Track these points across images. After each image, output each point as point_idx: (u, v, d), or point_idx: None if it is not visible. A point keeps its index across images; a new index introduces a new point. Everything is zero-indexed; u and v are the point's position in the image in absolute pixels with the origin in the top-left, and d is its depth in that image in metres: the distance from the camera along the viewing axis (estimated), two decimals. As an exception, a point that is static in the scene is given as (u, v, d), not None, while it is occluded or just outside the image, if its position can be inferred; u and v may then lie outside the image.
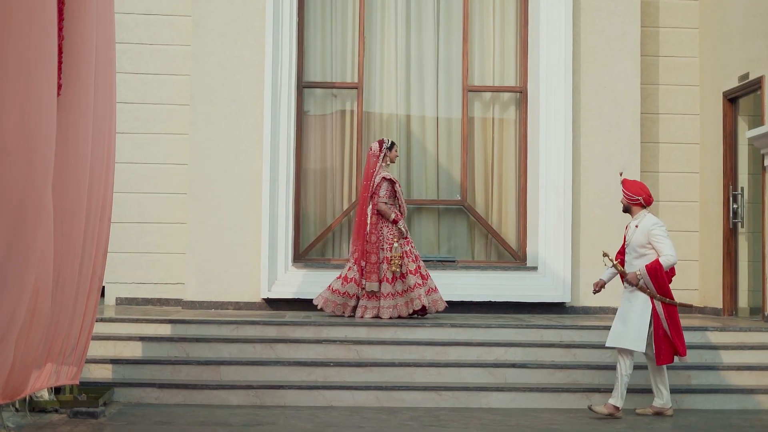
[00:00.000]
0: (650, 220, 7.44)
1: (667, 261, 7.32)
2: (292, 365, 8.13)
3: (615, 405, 7.38)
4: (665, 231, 7.39)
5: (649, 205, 7.53)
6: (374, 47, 11.24)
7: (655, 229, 7.36)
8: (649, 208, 7.54)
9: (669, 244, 7.34)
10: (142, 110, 10.87)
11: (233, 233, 10.48)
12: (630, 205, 7.55)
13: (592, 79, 10.88)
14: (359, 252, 9.38)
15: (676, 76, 11.34)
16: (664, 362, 7.38)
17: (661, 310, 7.34)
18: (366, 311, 9.24)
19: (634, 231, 7.47)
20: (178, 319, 8.75)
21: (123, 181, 10.74)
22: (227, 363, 8.11)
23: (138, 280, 10.80)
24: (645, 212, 7.51)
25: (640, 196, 7.49)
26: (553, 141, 10.75)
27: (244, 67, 10.60)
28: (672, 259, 7.31)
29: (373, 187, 9.38)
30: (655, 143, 11.28)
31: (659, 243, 7.33)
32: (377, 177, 9.41)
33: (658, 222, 7.43)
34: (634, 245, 7.48)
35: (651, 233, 7.36)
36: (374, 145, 9.53)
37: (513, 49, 11.30)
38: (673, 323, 7.33)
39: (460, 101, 11.22)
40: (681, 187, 11.28)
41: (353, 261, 9.43)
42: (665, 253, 7.31)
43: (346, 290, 9.36)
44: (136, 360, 8.13)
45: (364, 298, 9.28)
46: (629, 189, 7.52)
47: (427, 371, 8.20)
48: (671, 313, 7.35)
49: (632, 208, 7.55)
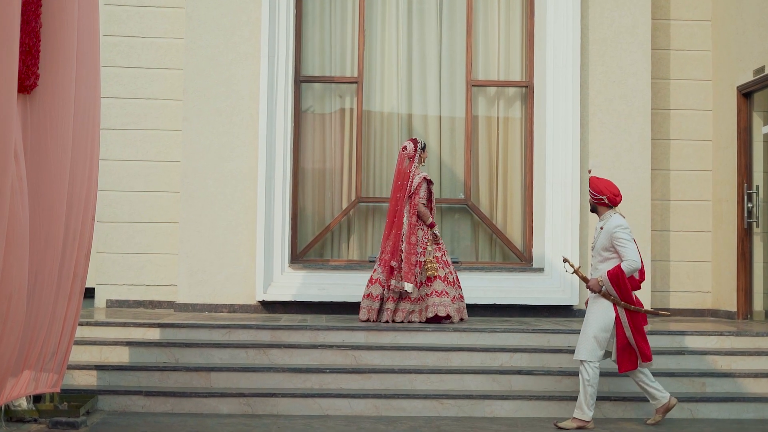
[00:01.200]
0: (614, 221, 6.98)
1: (629, 267, 6.86)
2: (286, 372, 7.74)
3: (580, 418, 6.96)
4: (629, 234, 6.92)
5: (616, 205, 7.07)
6: (375, 40, 10.85)
7: (617, 232, 6.90)
8: (616, 209, 7.09)
9: (632, 249, 6.87)
10: (133, 105, 10.51)
11: (227, 233, 10.09)
12: (595, 204, 7.13)
13: (601, 73, 10.48)
14: (390, 253, 8.95)
15: (688, 70, 10.94)
16: (626, 369, 6.97)
17: (624, 318, 6.92)
18: (396, 314, 8.89)
19: (599, 233, 7.07)
20: (167, 323, 8.36)
21: (114, 179, 10.41)
22: (218, 369, 7.72)
23: (129, 281, 10.43)
24: (611, 213, 7.06)
25: (604, 195, 7.04)
26: (560, 137, 10.34)
27: (239, 60, 10.23)
28: (634, 264, 6.85)
29: (412, 187, 9.01)
30: (666, 140, 10.88)
31: (621, 247, 6.88)
32: (416, 177, 9.05)
33: (621, 224, 6.95)
34: (598, 248, 7.07)
35: (613, 236, 6.92)
36: (408, 144, 9.13)
37: (519, 42, 10.91)
38: (637, 330, 6.90)
39: (464, 96, 10.83)
40: (693, 186, 10.87)
41: (379, 262, 9.02)
42: (627, 257, 6.86)
43: (370, 292, 8.99)
44: (123, 366, 7.74)
45: (390, 301, 8.89)
46: (593, 187, 7.09)
47: (428, 378, 7.80)
48: (635, 319, 6.92)
49: (598, 208, 7.13)
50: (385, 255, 8.98)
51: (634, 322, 6.92)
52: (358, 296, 9.89)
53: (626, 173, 10.36)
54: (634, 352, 6.95)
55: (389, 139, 10.85)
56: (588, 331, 7.00)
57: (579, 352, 7.02)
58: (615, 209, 7.07)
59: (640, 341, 6.90)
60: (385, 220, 10.26)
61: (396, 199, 9.05)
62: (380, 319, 8.91)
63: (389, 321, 8.84)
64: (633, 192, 10.30)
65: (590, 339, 6.97)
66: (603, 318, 6.96)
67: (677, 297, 10.83)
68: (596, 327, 6.97)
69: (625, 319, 6.91)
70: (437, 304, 8.85)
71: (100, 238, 10.38)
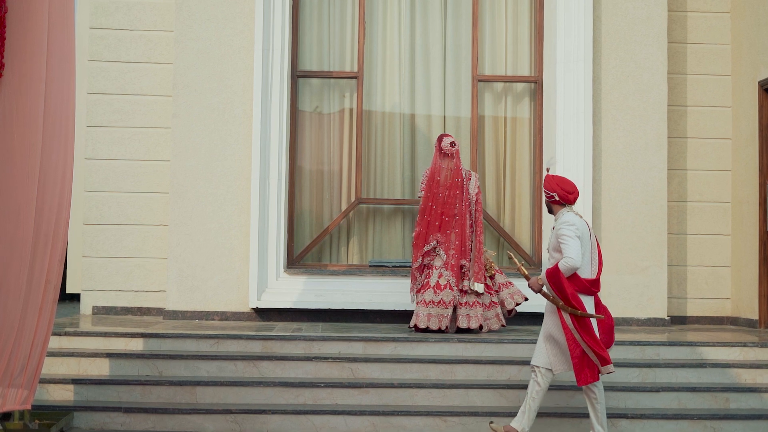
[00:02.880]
0: (562, 218, 6.47)
1: (565, 264, 6.27)
2: (278, 386, 7.20)
3: (515, 427, 6.43)
4: (573, 231, 6.34)
5: (570, 203, 6.53)
6: (376, 33, 10.31)
7: (562, 228, 6.38)
8: (571, 207, 6.54)
9: (572, 246, 6.29)
10: (121, 101, 9.98)
11: (219, 236, 9.56)
12: (548, 203, 6.61)
13: (614, 68, 9.92)
14: (458, 253, 8.38)
15: (706, 65, 10.37)
16: (585, 382, 6.32)
17: (570, 323, 6.31)
18: (471, 320, 8.36)
19: (552, 232, 6.56)
20: (151, 333, 7.82)
21: (101, 179, 9.91)
22: (204, 383, 7.18)
23: (117, 287, 9.91)
24: (564, 211, 6.53)
25: (555, 191, 6.52)
26: (571, 135, 9.78)
27: (232, 53, 9.69)
28: (570, 262, 6.25)
29: (475, 184, 8.56)
30: (683, 138, 10.32)
31: (562, 243, 6.33)
32: (472, 175, 8.60)
33: (567, 221, 6.41)
34: (549, 248, 6.57)
35: (558, 233, 6.40)
36: (455, 140, 8.61)
37: (527, 35, 10.35)
38: (587, 333, 6.27)
39: (470, 92, 10.28)
40: (711, 186, 10.31)
41: (444, 265, 8.38)
42: (565, 254, 6.29)
43: (441, 298, 8.36)
44: (102, 379, 7.21)
45: (465, 306, 8.37)
46: (545, 185, 6.59)
47: (430, 393, 7.26)
48: (582, 322, 6.30)
49: (552, 206, 6.61)
50: (451, 258, 8.36)
51: (583, 325, 6.30)
52: (358, 303, 9.41)
53: (641, 173, 9.81)
54: (593, 362, 6.34)
55: (391, 137, 10.31)
56: (539, 337, 6.57)
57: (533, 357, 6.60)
58: (569, 208, 6.55)
59: (594, 345, 6.27)
60: (385, 221, 9.79)
61: (455, 196, 8.44)
62: (453, 328, 8.37)
63: (470, 328, 8.33)
64: (648, 193, 9.77)
65: (539, 344, 6.53)
66: (550, 324, 6.46)
67: (695, 304, 10.27)
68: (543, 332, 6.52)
69: (572, 325, 6.32)
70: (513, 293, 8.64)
71: (86, 241, 9.88)
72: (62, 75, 6.12)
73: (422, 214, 8.49)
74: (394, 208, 10.23)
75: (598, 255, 6.55)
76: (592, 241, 6.53)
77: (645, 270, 9.74)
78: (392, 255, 10.17)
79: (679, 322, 10.15)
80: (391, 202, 10.20)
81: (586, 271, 6.45)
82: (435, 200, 8.45)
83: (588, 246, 6.47)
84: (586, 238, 6.47)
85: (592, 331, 6.31)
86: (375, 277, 9.69)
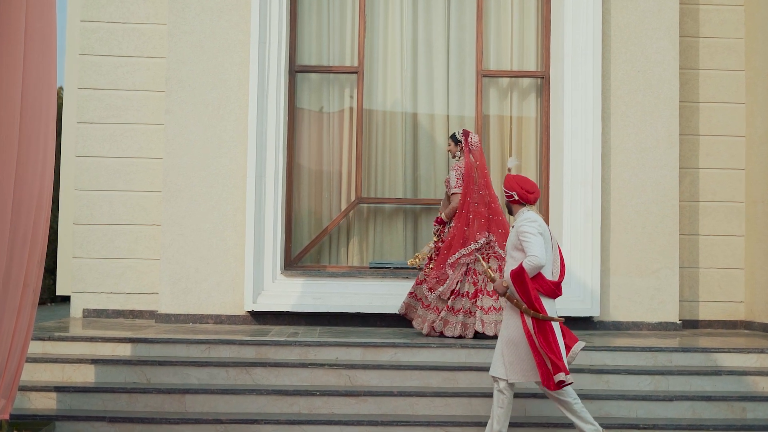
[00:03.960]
0: (522, 216, 6.14)
1: (530, 263, 5.92)
2: (271, 394, 6.86)
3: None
4: (535, 228, 6.00)
5: (529, 203, 6.19)
6: (377, 26, 9.96)
7: (523, 226, 6.04)
8: (532, 207, 6.20)
9: (535, 243, 5.94)
10: (113, 97, 9.65)
11: (214, 236, 9.21)
12: (508, 203, 6.28)
13: (623, 62, 9.55)
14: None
15: (719, 59, 10.01)
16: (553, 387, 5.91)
17: (531, 326, 5.95)
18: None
19: (511, 231, 6.22)
20: (139, 338, 7.46)
21: (92, 177, 9.59)
22: (194, 391, 6.83)
23: (108, 289, 9.57)
24: (525, 210, 6.19)
25: (514, 191, 6.19)
26: (579, 133, 9.42)
27: (227, 47, 9.34)
28: (535, 260, 5.89)
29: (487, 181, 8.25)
30: (695, 136, 9.95)
31: (525, 241, 5.98)
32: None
33: (529, 217, 6.08)
34: (508, 249, 6.22)
35: (519, 230, 6.05)
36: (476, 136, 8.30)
37: (534, 28, 10.00)
38: (545, 339, 5.90)
39: (474, 88, 9.93)
40: (724, 186, 9.94)
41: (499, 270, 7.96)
42: (529, 253, 5.94)
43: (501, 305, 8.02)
44: (87, 387, 6.86)
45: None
46: (505, 184, 6.28)
47: (431, 402, 6.91)
48: (542, 327, 5.92)
49: (512, 206, 6.28)
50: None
51: (542, 330, 5.92)
52: (358, 306, 9.07)
53: (652, 172, 9.45)
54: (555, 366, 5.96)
55: (392, 134, 9.96)
56: (497, 344, 6.20)
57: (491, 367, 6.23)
58: (530, 207, 6.21)
59: (549, 353, 5.89)
60: (387, 221, 9.49)
61: (494, 197, 8.19)
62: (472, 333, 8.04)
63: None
64: (659, 192, 9.41)
65: (497, 352, 6.16)
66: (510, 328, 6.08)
67: (707, 307, 9.91)
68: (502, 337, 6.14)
69: (533, 329, 5.94)
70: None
71: (76, 241, 9.55)
72: (42, 64, 5.79)
73: (461, 211, 8.11)
74: (396, 207, 9.88)
75: (560, 258, 6.18)
76: (553, 242, 6.19)
77: (656, 272, 9.38)
78: (393, 256, 9.82)
79: (690, 326, 9.79)
80: (393, 202, 9.85)
81: (548, 272, 6.10)
82: (473, 197, 8.12)
83: (550, 246, 6.13)
84: (548, 237, 6.13)
85: (550, 338, 5.93)
86: (375, 279, 9.34)
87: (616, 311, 9.37)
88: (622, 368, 7.31)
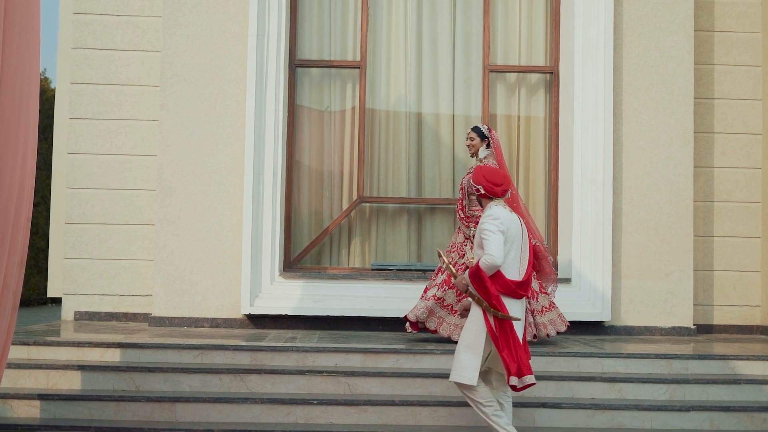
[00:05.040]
0: (487, 211, 5.80)
1: (485, 261, 5.59)
2: (266, 402, 6.51)
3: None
4: (496, 225, 5.64)
5: (497, 196, 5.82)
6: (380, 19, 9.61)
7: (485, 223, 5.70)
8: (500, 200, 5.83)
9: (494, 241, 5.61)
10: (107, 92, 9.33)
11: (210, 237, 8.87)
12: (477, 197, 5.94)
13: (636, 56, 9.19)
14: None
15: (735, 54, 9.64)
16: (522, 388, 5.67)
17: (494, 326, 5.61)
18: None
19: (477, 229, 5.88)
20: (129, 343, 7.12)
21: (84, 175, 9.27)
22: (185, 399, 6.49)
23: (100, 291, 9.24)
24: (492, 204, 5.83)
25: (480, 184, 5.84)
26: (589, 130, 9.06)
27: (224, 40, 9.00)
28: (489, 259, 5.56)
29: None
30: (710, 133, 9.59)
31: (484, 239, 5.65)
32: None
33: (491, 214, 5.72)
34: (475, 245, 5.89)
35: (480, 228, 5.73)
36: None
37: (543, 22, 9.64)
38: (505, 338, 5.57)
39: (480, 83, 9.58)
40: (740, 185, 9.58)
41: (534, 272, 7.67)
42: (486, 251, 5.61)
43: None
44: (72, 395, 6.51)
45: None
46: (472, 177, 5.93)
47: (435, 411, 6.55)
48: (503, 327, 5.60)
49: (481, 200, 5.93)
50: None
51: (504, 330, 5.59)
52: (359, 309, 8.74)
53: (665, 170, 9.09)
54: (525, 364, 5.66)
55: (395, 131, 9.62)
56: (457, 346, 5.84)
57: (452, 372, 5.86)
58: (497, 201, 5.85)
59: (507, 354, 5.57)
60: (390, 221, 9.22)
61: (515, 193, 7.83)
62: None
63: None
64: (673, 192, 9.06)
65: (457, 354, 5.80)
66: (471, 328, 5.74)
67: (722, 312, 9.55)
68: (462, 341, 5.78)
69: (495, 329, 5.61)
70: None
71: (68, 241, 9.22)
72: (22, 51, 5.46)
73: None
74: (399, 207, 9.54)
75: (529, 256, 5.82)
76: (524, 239, 5.82)
77: (669, 275, 9.02)
78: (396, 258, 9.47)
79: (704, 331, 9.43)
80: (396, 201, 9.50)
81: (513, 272, 5.73)
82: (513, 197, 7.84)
83: (518, 244, 5.77)
84: (515, 234, 5.75)
85: (510, 340, 5.59)
86: (377, 281, 8.99)
87: (627, 315, 9.02)
88: (635, 376, 6.96)
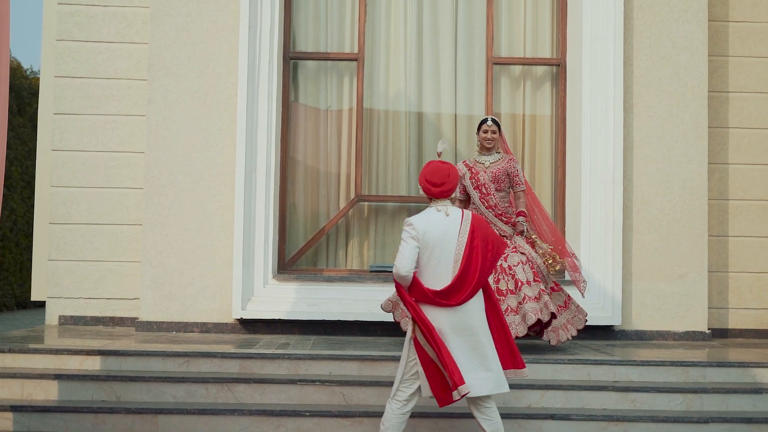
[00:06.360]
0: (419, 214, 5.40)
1: (393, 270, 5.22)
2: (255, 414, 6.12)
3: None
4: (408, 233, 5.22)
5: (434, 196, 5.35)
6: (379, 9, 9.22)
7: (404, 229, 5.29)
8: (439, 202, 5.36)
9: (402, 250, 5.20)
10: (92, 86, 8.95)
11: (200, 237, 8.47)
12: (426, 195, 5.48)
13: (647, 47, 8.78)
14: None
15: (751, 46, 9.23)
16: (446, 403, 5.26)
17: (421, 336, 5.20)
18: None
19: None
20: (110, 350, 6.71)
21: (69, 173, 8.89)
22: (168, 411, 6.09)
23: (86, 294, 8.85)
24: (429, 206, 5.41)
25: (420, 183, 5.40)
26: (598, 125, 8.66)
27: (214, 31, 8.61)
28: (394, 269, 5.18)
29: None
30: (724, 128, 9.18)
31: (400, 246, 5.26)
32: None
33: (408, 220, 5.30)
34: None
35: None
36: None
37: (549, 11, 9.24)
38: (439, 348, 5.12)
39: (484, 76, 9.18)
40: (756, 183, 9.17)
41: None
42: (395, 260, 5.22)
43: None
44: (48, 406, 6.12)
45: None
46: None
47: (435, 424, 6.16)
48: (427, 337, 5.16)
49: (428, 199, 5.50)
50: None
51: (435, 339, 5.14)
52: (357, 313, 8.33)
53: (678, 167, 8.68)
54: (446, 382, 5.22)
55: (395, 127, 9.21)
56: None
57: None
58: (436, 202, 5.37)
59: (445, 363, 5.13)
60: (389, 221, 8.84)
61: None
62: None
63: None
64: (687, 189, 8.64)
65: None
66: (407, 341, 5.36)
67: (737, 315, 9.13)
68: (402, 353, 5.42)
69: (423, 339, 5.19)
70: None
71: (52, 242, 8.83)
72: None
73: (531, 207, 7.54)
74: (399, 206, 9.14)
75: (462, 263, 5.25)
76: (459, 243, 5.29)
77: (683, 277, 8.60)
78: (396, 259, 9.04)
79: (719, 335, 9.01)
80: (395, 200, 9.10)
81: (433, 279, 5.25)
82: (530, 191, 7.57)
83: (440, 250, 5.26)
84: (437, 241, 5.25)
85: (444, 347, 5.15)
86: (376, 283, 8.58)
87: (639, 319, 8.60)
88: (650, 385, 6.54)
